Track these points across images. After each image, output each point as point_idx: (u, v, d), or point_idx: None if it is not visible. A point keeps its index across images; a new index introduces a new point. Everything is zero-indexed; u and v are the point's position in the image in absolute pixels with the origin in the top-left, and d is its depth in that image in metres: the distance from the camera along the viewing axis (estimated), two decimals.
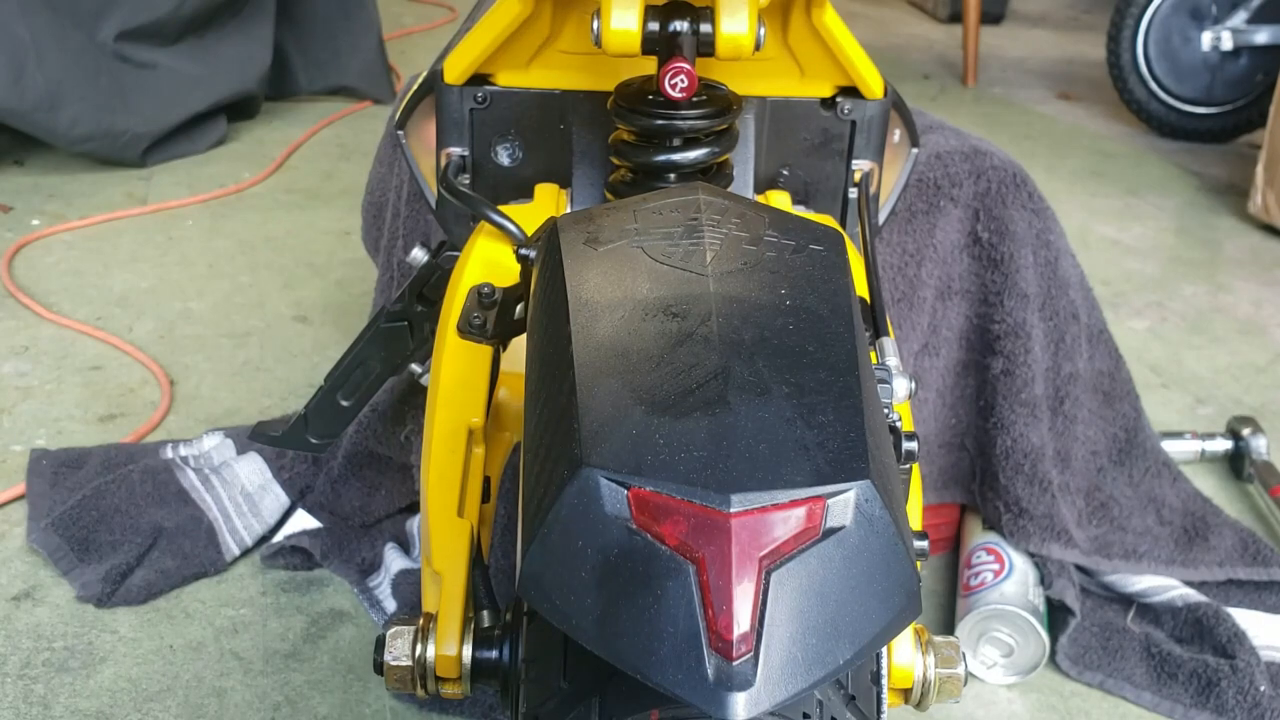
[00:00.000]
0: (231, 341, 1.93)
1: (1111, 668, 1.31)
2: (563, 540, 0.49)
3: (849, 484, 0.48)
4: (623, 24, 0.82)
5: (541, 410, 0.55)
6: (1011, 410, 1.39)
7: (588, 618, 0.49)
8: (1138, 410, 1.54)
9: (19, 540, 1.45)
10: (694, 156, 0.88)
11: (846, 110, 1.00)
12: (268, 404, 1.76)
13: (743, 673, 0.46)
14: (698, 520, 0.47)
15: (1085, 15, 4.67)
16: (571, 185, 0.98)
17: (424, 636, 0.68)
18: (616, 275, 0.58)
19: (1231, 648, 1.30)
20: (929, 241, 1.39)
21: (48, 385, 1.79)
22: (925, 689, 0.71)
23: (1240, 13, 3.06)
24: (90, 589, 1.35)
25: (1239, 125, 3.13)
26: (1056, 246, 1.42)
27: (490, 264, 0.87)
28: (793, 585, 0.47)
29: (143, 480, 1.47)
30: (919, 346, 1.41)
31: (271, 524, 1.47)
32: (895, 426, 0.66)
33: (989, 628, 1.30)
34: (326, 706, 1.23)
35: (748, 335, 0.54)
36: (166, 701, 1.23)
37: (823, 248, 0.61)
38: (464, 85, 0.96)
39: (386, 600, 1.35)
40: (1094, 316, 1.50)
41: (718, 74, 0.94)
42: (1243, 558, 1.45)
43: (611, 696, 0.55)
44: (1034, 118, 3.38)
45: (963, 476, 1.46)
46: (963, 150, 1.41)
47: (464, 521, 0.74)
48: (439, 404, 0.80)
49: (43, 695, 1.23)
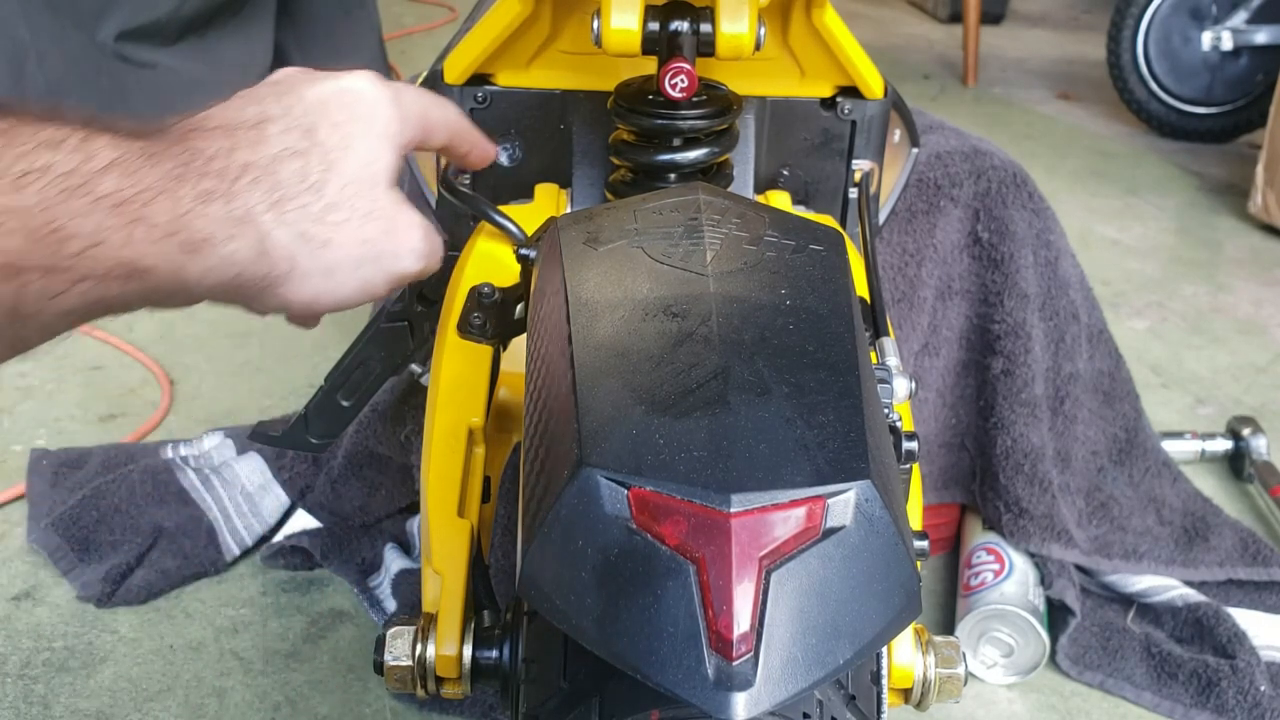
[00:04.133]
0: (231, 341, 1.93)
1: (1111, 668, 1.31)
2: (563, 540, 0.49)
3: (849, 484, 0.48)
4: (623, 24, 0.82)
5: (541, 410, 0.55)
6: (1011, 410, 1.39)
7: (587, 618, 0.49)
8: (1138, 410, 1.54)
9: (19, 540, 1.45)
10: (694, 156, 0.88)
11: (847, 110, 1.00)
12: (268, 404, 1.76)
13: (743, 673, 0.46)
14: (698, 520, 0.47)
15: (1085, 15, 4.67)
16: (571, 185, 0.98)
17: (424, 636, 0.68)
18: (616, 275, 0.58)
19: (1231, 648, 1.30)
20: (929, 241, 1.39)
21: (48, 385, 1.79)
22: (925, 689, 0.71)
23: (1240, 13, 3.05)
24: (90, 589, 1.35)
25: (1239, 125, 3.12)
26: (1057, 246, 1.42)
27: (490, 264, 0.87)
28: (793, 585, 0.47)
29: (143, 480, 1.47)
30: (919, 346, 1.41)
31: (271, 524, 1.47)
32: (895, 426, 0.66)
33: (989, 628, 1.30)
34: (326, 706, 1.23)
35: (748, 335, 0.54)
36: (166, 701, 1.23)
37: (823, 248, 0.61)
38: (464, 85, 0.96)
39: (386, 600, 1.35)
40: (1094, 316, 1.50)
41: (718, 74, 0.94)
42: (1243, 558, 1.45)
43: (611, 696, 0.55)
44: (1034, 118, 3.38)
45: (963, 476, 1.46)
46: (963, 150, 1.41)
47: (464, 521, 0.74)
48: (439, 404, 0.80)
49: (43, 695, 1.23)
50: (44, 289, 0.47)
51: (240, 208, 0.54)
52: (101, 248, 0.48)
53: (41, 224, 0.46)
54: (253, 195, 0.55)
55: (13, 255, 0.45)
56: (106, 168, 0.49)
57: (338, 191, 0.58)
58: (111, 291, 0.50)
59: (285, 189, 0.56)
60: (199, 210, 0.52)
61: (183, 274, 0.52)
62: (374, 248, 0.60)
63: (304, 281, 0.58)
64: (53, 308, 0.48)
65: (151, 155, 0.51)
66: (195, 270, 0.53)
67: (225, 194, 0.53)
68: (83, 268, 0.48)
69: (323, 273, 0.58)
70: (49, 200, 0.46)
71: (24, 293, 0.46)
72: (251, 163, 0.55)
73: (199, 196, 0.52)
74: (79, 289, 0.48)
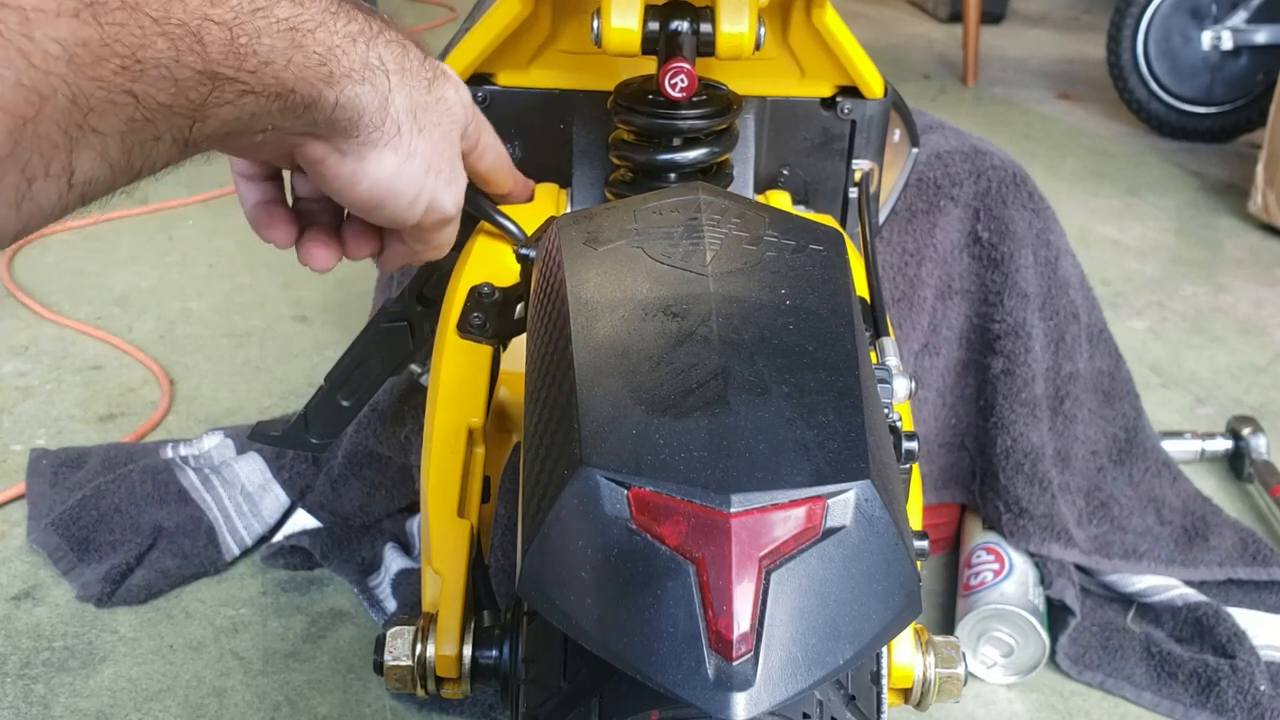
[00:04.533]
0: (231, 341, 1.93)
1: (1111, 667, 1.31)
2: (563, 540, 0.49)
3: (849, 484, 0.48)
4: (623, 23, 0.82)
5: (541, 410, 0.55)
6: (1011, 410, 1.39)
7: (588, 618, 0.49)
8: (1138, 410, 1.54)
9: (19, 540, 1.45)
10: (694, 156, 0.88)
11: (846, 110, 1.00)
12: (268, 404, 1.76)
13: (743, 673, 0.46)
14: (698, 520, 0.47)
15: (1085, 15, 4.67)
16: (571, 185, 0.98)
17: (424, 636, 0.68)
18: (616, 275, 0.58)
19: (1231, 648, 1.30)
20: (929, 241, 1.39)
21: (48, 385, 1.79)
22: (925, 689, 0.71)
23: (1240, 12, 3.06)
24: (90, 589, 1.35)
25: (1239, 125, 3.13)
26: (1057, 246, 1.42)
27: (490, 264, 0.87)
28: (793, 585, 0.47)
29: (143, 480, 1.47)
30: (919, 346, 1.41)
31: (271, 524, 1.47)
32: (895, 426, 0.66)
33: (989, 627, 1.30)
34: (326, 706, 1.23)
35: (748, 335, 0.54)
36: (166, 701, 1.23)
37: (823, 248, 0.61)
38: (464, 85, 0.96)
39: (386, 600, 1.35)
40: (1094, 316, 1.50)
41: (718, 74, 0.94)
42: (1243, 557, 1.45)
43: (611, 696, 0.55)
44: (1034, 118, 3.38)
45: (963, 476, 1.46)
46: (963, 150, 1.41)
47: (464, 521, 0.74)
48: (439, 404, 0.80)
49: (43, 695, 1.23)
50: (219, 96, 0.51)
51: (376, 58, 0.60)
52: (270, 66, 0.53)
53: (233, 37, 0.50)
54: (388, 53, 0.61)
55: (209, 62, 0.49)
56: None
57: (437, 100, 0.66)
58: (261, 107, 0.54)
59: (410, 66, 0.63)
60: (346, 47, 0.58)
61: (319, 102, 0.57)
62: (442, 165, 0.67)
63: (394, 155, 0.63)
64: (220, 115, 0.52)
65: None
66: (329, 101, 0.57)
67: (368, 40, 0.59)
68: (252, 80, 0.52)
69: (408, 155, 0.64)
70: (241, 17, 0.51)
71: (210, 97, 0.50)
72: (389, 28, 0.62)
73: (348, 35, 0.58)
74: (243, 101, 0.52)
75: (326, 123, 0.59)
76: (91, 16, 0.44)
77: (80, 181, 0.47)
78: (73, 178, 0.46)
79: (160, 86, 0.48)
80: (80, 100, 0.45)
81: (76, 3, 0.44)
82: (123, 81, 0.46)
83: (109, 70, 0.45)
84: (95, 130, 0.46)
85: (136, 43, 0.46)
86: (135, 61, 0.46)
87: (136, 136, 0.48)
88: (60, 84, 0.44)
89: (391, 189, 0.64)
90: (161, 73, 0.48)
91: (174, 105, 0.49)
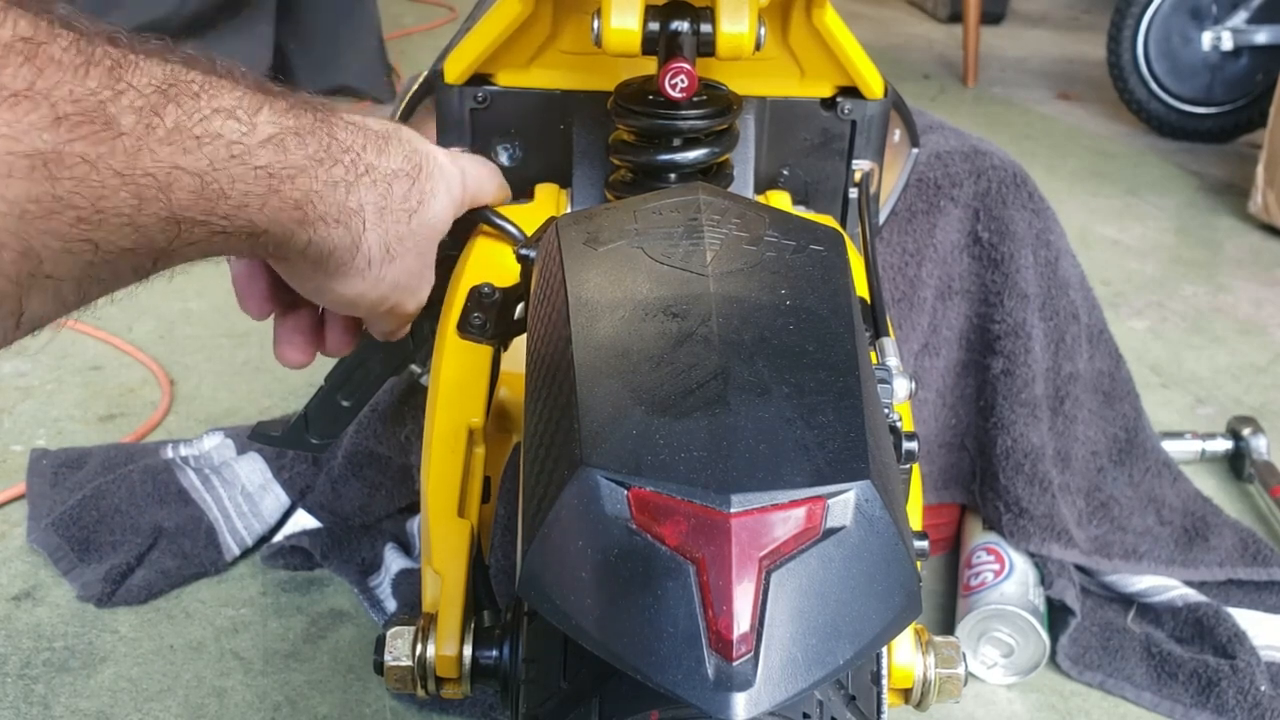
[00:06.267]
0: (231, 341, 1.93)
1: (1111, 668, 1.31)
2: (563, 540, 0.49)
3: (849, 484, 0.48)
4: (623, 23, 0.82)
5: (541, 410, 0.55)
6: (1011, 410, 1.39)
7: (588, 618, 0.49)
8: (1138, 410, 1.54)
9: (19, 540, 1.45)
10: (694, 156, 0.88)
11: (847, 110, 1.00)
12: (268, 404, 1.76)
13: (743, 673, 0.46)
14: (698, 520, 0.47)
15: (1085, 15, 4.67)
16: (571, 185, 0.98)
17: (424, 636, 0.68)
18: (616, 275, 0.58)
19: (1231, 648, 1.30)
20: (929, 241, 1.39)
21: (48, 385, 1.79)
22: (925, 689, 0.71)
23: (1240, 13, 3.06)
24: (90, 589, 1.35)
25: (1239, 125, 3.13)
26: (1057, 246, 1.42)
27: (490, 264, 0.87)
28: (793, 585, 0.47)
29: (143, 480, 1.47)
30: (919, 346, 1.41)
31: (271, 524, 1.47)
32: (895, 426, 0.66)
33: (989, 628, 1.30)
34: (326, 706, 1.23)
35: (748, 335, 0.54)
36: (166, 701, 1.23)
37: (823, 248, 0.61)
38: (464, 85, 0.96)
39: (386, 600, 1.35)
40: (1094, 316, 1.50)
41: (718, 74, 0.94)
42: (1243, 558, 1.45)
43: (611, 697, 0.55)
44: (1034, 118, 3.38)
45: (963, 476, 1.46)
46: (963, 150, 1.41)
47: (464, 521, 0.74)
48: (439, 404, 0.80)
49: (43, 695, 1.23)
50: (186, 237, 0.51)
51: (355, 203, 0.61)
52: (244, 210, 0.53)
53: (206, 184, 0.51)
54: (368, 195, 0.62)
55: (177, 208, 0.50)
56: (264, 142, 0.54)
57: (417, 225, 0.67)
58: (230, 244, 0.55)
59: (391, 201, 0.64)
60: (325, 193, 0.58)
61: (290, 240, 0.58)
62: (409, 281, 0.69)
63: (362, 279, 0.65)
64: (185, 253, 0.52)
65: (300, 135, 0.56)
66: (300, 240, 0.58)
67: (349, 185, 0.60)
68: (223, 224, 0.53)
69: (376, 280, 0.66)
70: (217, 164, 0.51)
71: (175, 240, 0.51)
72: (374, 166, 0.63)
73: (329, 182, 0.59)
74: (213, 240, 0.53)
75: (297, 256, 0.60)
76: (46, 175, 0.44)
77: (29, 320, 0.46)
78: (21, 319, 0.46)
79: (123, 234, 0.47)
80: (32, 253, 0.44)
81: (29, 161, 0.43)
82: (81, 232, 0.46)
83: (63, 223, 0.45)
84: (50, 276, 0.45)
85: (96, 194, 0.45)
86: (96, 212, 0.46)
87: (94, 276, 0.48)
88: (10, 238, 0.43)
89: (355, 304, 0.67)
90: (123, 220, 0.47)
91: (137, 249, 0.49)
